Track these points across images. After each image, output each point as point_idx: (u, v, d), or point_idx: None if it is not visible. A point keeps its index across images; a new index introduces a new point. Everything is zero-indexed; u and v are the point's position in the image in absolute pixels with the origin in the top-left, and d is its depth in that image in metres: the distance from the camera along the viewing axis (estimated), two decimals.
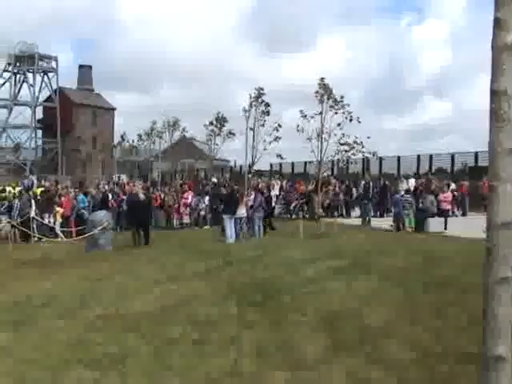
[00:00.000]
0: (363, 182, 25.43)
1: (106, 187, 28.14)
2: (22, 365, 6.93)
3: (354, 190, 27.91)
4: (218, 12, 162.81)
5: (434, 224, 19.70)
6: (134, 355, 7.16)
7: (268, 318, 8.69)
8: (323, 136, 23.48)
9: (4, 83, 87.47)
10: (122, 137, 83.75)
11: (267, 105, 24.85)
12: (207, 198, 26.93)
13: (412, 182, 27.22)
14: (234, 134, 30.76)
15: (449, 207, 22.03)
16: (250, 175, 27.62)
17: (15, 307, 10.11)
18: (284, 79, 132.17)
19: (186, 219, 26.82)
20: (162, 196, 28.77)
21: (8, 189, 25.87)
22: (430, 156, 36.43)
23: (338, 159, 25.66)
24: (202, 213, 26.76)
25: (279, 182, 30.52)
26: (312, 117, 23.68)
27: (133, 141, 76.30)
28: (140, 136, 69.61)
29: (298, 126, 23.85)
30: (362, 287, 10.34)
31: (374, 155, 25.60)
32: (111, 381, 6.40)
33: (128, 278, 12.81)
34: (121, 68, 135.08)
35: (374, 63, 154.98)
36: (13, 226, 20.64)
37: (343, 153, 23.56)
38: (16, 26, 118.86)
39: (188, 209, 26.98)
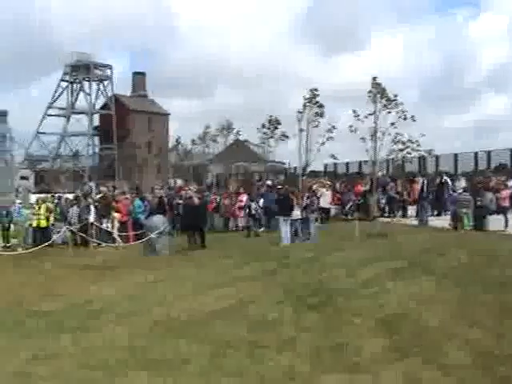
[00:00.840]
0: (421, 181, 24.97)
1: (162, 192, 28.36)
2: (80, 369, 7.04)
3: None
4: (272, 15, 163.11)
5: (494, 222, 19.25)
6: (191, 358, 7.18)
7: (324, 320, 8.64)
8: (377, 135, 23.18)
9: (62, 93, 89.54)
10: (176, 141, 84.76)
11: (320, 106, 24.72)
12: (262, 200, 26.89)
13: (462, 183, 26.42)
14: (287, 137, 30.60)
15: (508, 204, 21.47)
16: (304, 177, 27.52)
17: (74, 312, 10.28)
18: (339, 79, 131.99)
19: (242, 222, 26.83)
20: (218, 199, 28.89)
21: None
22: (488, 152, 35.59)
23: (393, 158, 25.32)
24: (257, 215, 26.74)
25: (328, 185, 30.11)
26: (366, 117, 23.43)
27: (187, 145, 77.20)
28: (194, 140, 70.38)
29: (351, 126, 23.63)
30: (420, 288, 10.17)
31: (429, 153, 25.17)
32: None
33: (184, 282, 12.89)
34: (175, 74, 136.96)
35: (430, 61, 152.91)
36: (72, 232, 21.03)
37: (398, 152, 23.21)
38: (72, 36, 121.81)
39: (243, 211, 27.00)
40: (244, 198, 27.34)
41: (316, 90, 24.94)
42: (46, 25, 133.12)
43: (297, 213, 20.29)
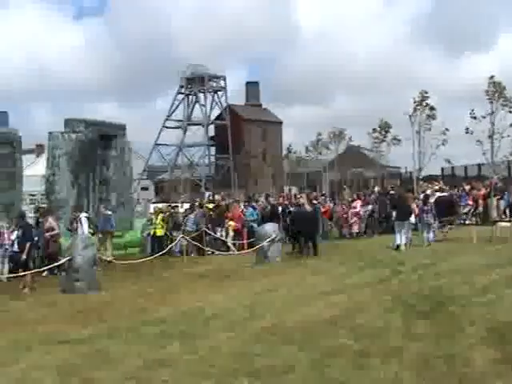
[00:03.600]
0: None
1: (271, 200, 28.51)
2: (188, 376, 7.15)
3: None
4: (391, 18, 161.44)
5: None
6: (295, 367, 7.14)
7: (435, 329, 8.38)
8: (494, 137, 22.32)
9: (178, 105, 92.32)
10: (288, 149, 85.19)
11: (432, 108, 24.10)
12: (376, 206, 26.53)
13: None
14: (398, 140, 30.12)
15: None
16: (420, 181, 26.89)
17: (186, 319, 10.48)
18: (458, 81, 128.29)
19: (355, 229, 26.55)
20: (331, 206, 28.74)
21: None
22: None
23: None
24: (371, 222, 26.39)
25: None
26: (484, 117, 22.58)
27: (301, 152, 77.32)
28: (307, 148, 70.45)
29: (467, 128, 22.89)
30: None
31: None
32: None
33: (295, 290, 12.88)
34: (291, 82, 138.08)
35: None
36: (187, 240, 21.54)
37: None
38: (190, 49, 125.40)
39: (357, 218, 26.72)
40: (358, 204, 27.05)
41: (426, 92, 24.39)
42: (167, 40, 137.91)
43: (412, 217, 19.84)
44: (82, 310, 11.93)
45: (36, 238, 16.50)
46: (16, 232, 17.03)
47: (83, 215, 19.03)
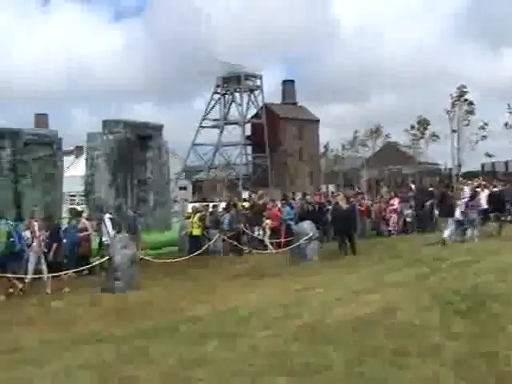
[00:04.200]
0: None
1: (308, 198, 28.42)
2: (226, 375, 7.19)
3: None
4: (429, 14, 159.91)
5: None
6: (332, 366, 7.13)
7: (474, 328, 8.27)
8: None
9: (215, 105, 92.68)
10: (325, 147, 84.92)
11: (470, 103, 23.79)
12: (413, 203, 26.30)
13: None
14: (437, 137, 29.73)
15: None
16: (459, 178, 26.58)
17: (223, 318, 10.54)
18: (501, 75, 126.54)
19: (393, 227, 26.36)
20: (369, 204, 28.57)
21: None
22: None
23: None
24: (409, 219, 26.17)
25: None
26: None
27: (338, 150, 77.02)
28: (344, 145, 70.17)
29: (506, 123, 22.54)
30: None
31: None
32: None
33: (332, 288, 12.84)
34: (329, 80, 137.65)
35: None
36: (223, 239, 21.63)
37: None
38: (227, 48, 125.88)
39: (395, 216, 26.53)
40: (395, 201, 26.86)
41: (464, 87, 24.09)
42: (204, 39, 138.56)
43: (456, 213, 19.66)
44: (121, 309, 12.08)
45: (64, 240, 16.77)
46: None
47: (107, 216, 19.28)
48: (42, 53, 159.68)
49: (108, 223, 18.74)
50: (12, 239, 14.69)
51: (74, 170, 66.97)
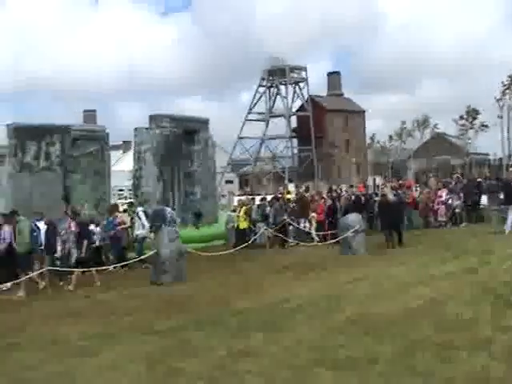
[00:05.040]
0: None
1: (354, 190, 28.24)
2: (272, 366, 7.21)
3: None
4: (478, 1, 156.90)
5: None
6: (379, 359, 7.08)
7: None
8: None
9: (260, 98, 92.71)
10: (371, 138, 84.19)
11: None
12: (462, 194, 25.90)
13: None
14: (486, 126, 29.08)
15: None
16: (510, 168, 26.06)
17: (269, 311, 10.55)
18: None
19: (441, 218, 26.00)
20: (417, 195, 28.24)
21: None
22: None
23: None
24: (458, 210, 25.78)
25: None
26: None
27: (385, 142, 76.27)
28: (391, 136, 69.42)
29: None
30: None
31: None
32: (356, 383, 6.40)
33: (379, 281, 12.75)
34: (377, 71, 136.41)
35: None
36: (270, 232, 21.65)
37: None
38: (270, 41, 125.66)
39: (443, 207, 26.16)
40: (444, 193, 26.49)
41: None
42: (251, 33, 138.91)
43: None
44: (169, 302, 12.19)
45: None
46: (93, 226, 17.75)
47: (140, 209, 19.54)
48: (91, 49, 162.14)
49: (142, 216, 19.04)
50: (35, 233, 15.01)
51: (122, 165, 67.88)
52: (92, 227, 17.87)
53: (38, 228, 15.57)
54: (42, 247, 15.69)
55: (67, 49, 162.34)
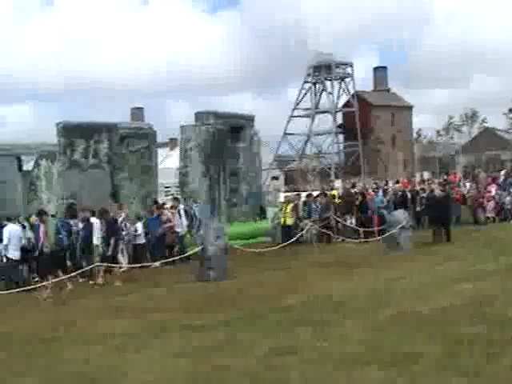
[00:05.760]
0: None
1: (395, 186, 27.99)
2: (318, 362, 7.24)
3: None
4: None
5: None
6: (425, 355, 7.05)
7: None
8: None
9: (305, 94, 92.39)
10: (417, 133, 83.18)
11: None
12: (511, 189, 25.46)
13: None
14: None
15: None
16: None
17: (314, 307, 10.59)
18: None
19: (490, 214, 25.60)
20: (465, 191, 27.88)
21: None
22: None
23: None
24: (508, 206, 25.36)
25: None
26: None
27: (432, 137, 75.34)
28: (438, 131, 68.51)
29: None
30: None
31: None
32: (401, 381, 6.37)
33: (425, 277, 12.68)
34: (421, 65, 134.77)
35: None
36: (315, 228, 21.62)
37: None
38: (317, 37, 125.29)
39: (492, 202, 25.76)
40: (493, 188, 26.11)
41: None
42: (298, 28, 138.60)
43: None
44: (214, 298, 12.32)
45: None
46: (139, 224, 18.04)
47: (181, 207, 19.76)
48: (139, 47, 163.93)
49: (183, 214, 19.28)
50: (60, 236, 15.21)
51: (169, 162, 68.47)
52: (138, 225, 18.18)
53: (70, 226, 15.82)
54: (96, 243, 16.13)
55: (116, 47, 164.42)
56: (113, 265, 15.68)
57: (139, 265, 16.11)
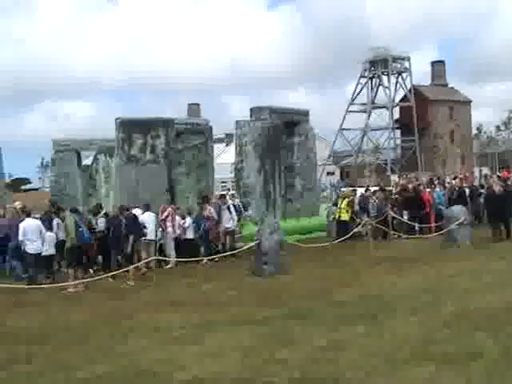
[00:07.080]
0: None
1: (454, 182, 27.49)
2: (373, 360, 7.18)
3: None
4: None
5: None
6: (484, 353, 6.92)
7: None
8: None
9: (362, 89, 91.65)
10: (477, 129, 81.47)
11: None
12: None
13: None
14: None
15: None
16: None
17: (368, 303, 10.52)
18: None
19: None
20: None
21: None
22: None
23: None
24: None
25: None
26: None
27: (491, 132, 73.73)
28: (498, 127, 66.95)
29: None
30: None
31: None
32: (457, 379, 6.28)
33: (483, 275, 12.45)
34: (481, 59, 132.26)
35: None
36: (371, 224, 21.41)
37: None
38: (375, 31, 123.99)
39: None
40: None
41: None
42: (356, 24, 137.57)
43: None
44: (268, 293, 12.34)
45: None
46: (189, 218, 18.15)
47: (230, 203, 19.81)
48: (195, 43, 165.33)
49: (233, 210, 19.33)
50: (80, 229, 15.27)
51: (225, 157, 68.93)
52: (187, 219, 18.30)
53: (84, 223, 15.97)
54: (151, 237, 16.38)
55: (173, 44, 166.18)
56: (165, 258, 15.88)
57: (186, 260, 16.27)
